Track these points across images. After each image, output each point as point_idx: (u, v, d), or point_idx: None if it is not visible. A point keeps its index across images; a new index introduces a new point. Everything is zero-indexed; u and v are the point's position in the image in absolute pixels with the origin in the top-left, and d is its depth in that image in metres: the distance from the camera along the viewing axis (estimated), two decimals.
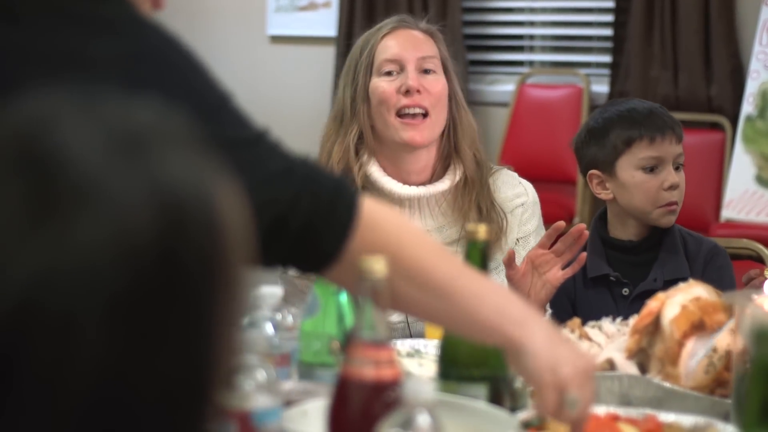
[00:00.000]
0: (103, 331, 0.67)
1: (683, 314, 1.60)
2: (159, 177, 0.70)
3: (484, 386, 1.42)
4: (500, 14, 5.24)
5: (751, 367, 1.04)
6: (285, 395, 1.37)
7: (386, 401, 1.17)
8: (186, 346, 0.71)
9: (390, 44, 2.24)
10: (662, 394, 1.54)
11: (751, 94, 4.37)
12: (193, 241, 0.70)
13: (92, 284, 0.66)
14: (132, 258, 0.68)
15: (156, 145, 0.72)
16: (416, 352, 1.80)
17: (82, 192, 0.68)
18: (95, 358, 0.67)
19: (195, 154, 0.74)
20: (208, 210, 0.72)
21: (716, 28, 4.57)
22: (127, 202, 0.68)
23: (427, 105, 2.19)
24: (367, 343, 1.20)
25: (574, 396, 1.30)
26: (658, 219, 2.32)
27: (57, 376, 0.66)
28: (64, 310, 0.66)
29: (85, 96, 0.73)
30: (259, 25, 5.59)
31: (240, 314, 0.76)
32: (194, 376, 0.71)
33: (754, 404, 1.02)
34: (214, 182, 0.74)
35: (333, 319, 1.52)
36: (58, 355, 0.66)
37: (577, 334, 1.70)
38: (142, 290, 0.68)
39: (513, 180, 2.28)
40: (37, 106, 0.72)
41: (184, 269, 0.70)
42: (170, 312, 0.69)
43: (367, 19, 5.16)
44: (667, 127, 2.33)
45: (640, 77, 4.67)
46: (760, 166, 4.29)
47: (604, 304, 2.30)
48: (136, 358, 0.68)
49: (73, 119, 0.71)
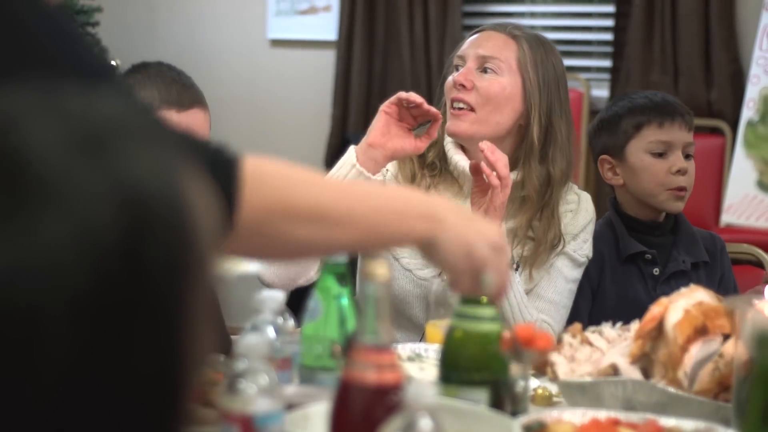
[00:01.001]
0: (67, 328, 0.66)
1: (686, 319, 1.60)
2: (122, 173, 0.69)
3: (485, 390, 1.42)
4: (500, 18, 5.24)
5: (752, 371, 1.04)
6: (286, 399, 1.37)
7: (388, 405, 1.17)
8: (154, 342, 0.70)
9: (466, 43, 2.32)
10: (666, 399, 1.54)
11: (752, 98, 4.38)
12: (159, 238, 0.70)
13: (56, 281, 0.66)
14: (96, 255, 0.67)
15: (120, 140, 0.71)
16: (417, 356, 1.80)
17: (44, 188, 0.67)
18: (61, 355, 0.66)
19: (160, 148, 0.73)
20: (174, 206, 0.71)
21: (716, 33, 4.57)
22: (89, 198, 0.68)
23: (472, 101, 2.23)
24: (369, 347, 1.21)
25: (489, 277, 1.37)
26: (666, 203, 2.36)
27: (21, 373, 0.66)
28: (28, 306, 0.66)
29: (49, 91, 0.73)
30: (259, 29, 5.59)
31: (210, 310, 0.75)
32: (164, 373, 0.71)
33: (755, 409, 1.02)
34: (179, 177, 0.73)
35: (334, 323, 1.52)
36: (22, 352, 0.66)
37: (579, 339, 1.70)
38: (106, 287, 0.67)
39: (570, 188, 2.32)
40: (3, 102, 0.71)
41: (149, 266, 0.69)
42: (137, 308, 0.69)
43: (367, 23, 5.16)
44: (678, 113, 2.37)
45: (641, 82, 4.67)
46: (762, 171, 4.29)
47: (635, 283, 2.33)
48: (103, 355, 0.68)
49: (36, 115, 0.70)
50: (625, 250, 2.37)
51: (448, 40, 4.89)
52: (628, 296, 2.32)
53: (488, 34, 2.30)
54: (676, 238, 2.40)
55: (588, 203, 2.32)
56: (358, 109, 5.23)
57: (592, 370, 1.63)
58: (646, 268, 2.37)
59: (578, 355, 1.67)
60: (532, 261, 2.22)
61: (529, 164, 2.23)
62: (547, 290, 2.25)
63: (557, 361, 1.65)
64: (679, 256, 2.37)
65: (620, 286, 2.36)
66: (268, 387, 1.27)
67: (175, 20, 5.74)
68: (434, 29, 5.02)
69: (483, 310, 1.44)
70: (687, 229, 2.42)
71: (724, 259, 2.46)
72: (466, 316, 1.44)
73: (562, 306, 2.25)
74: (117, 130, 0.72)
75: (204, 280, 0.73)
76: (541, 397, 1.69)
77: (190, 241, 0.72)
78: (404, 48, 5.09)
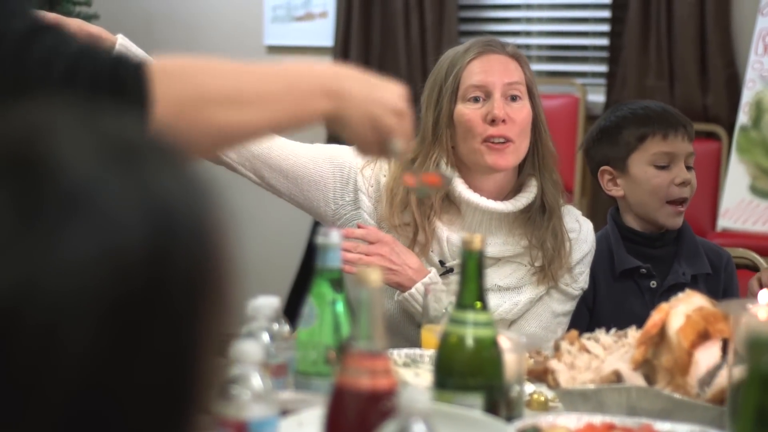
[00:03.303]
0: (85, 345, 0.66)
1: (689, 324, 1.59)
2: (152, 192, 0.69)
3: (480, 395, 1.42)
4: (496, 24, 5.25)
5: (746, 375, 1.04)
6: (281, 405, 1.37)
7: (382, 411, 1.17)
8: (169, 363, 0.70)
9: (476, 70, 2.22)
10: (671, 406, 1.53)
11: (747, 103, 4.38)
12: (183, 257, 0.70)
13: (77, 297, 0.65)
14: (120, 270, 0.67)
15: (150, 160, 0.71)
16: (412, 362, 1.80)
17: (72, 201, 0.66)
18: (75, 370, 0.66)
19: (187, 171, 0.73)
20: (199, 228, 0.71)
21: (712, 38, 4.57)
22: (118, 215, 0.67)
23: (512, 135, 2.19)
24: (363, 353, 1.21)
25: (397, 142, 1.43)
26: (665, 219, 2.35)
27: (35, 386, 0.65)
28: (46, 320, 0.65)
29: (79, 106, 0.72)
30: (256, 35, 5.59)
31: (225, 332, 0.75)
32: (176, 393, 0.71)
33: (749, 413, 1.02)
34: (205, 200, 0.73)
35: (329, 329, 1.52)
36: (38, 366, 0.65)
37: (577, 347, 1.70)
38: (127, 305, 0.67)
39: (571, 216, 2.31)
40: (33, 113, 0.71)
41: (172, 284, 0.69)
42: (155, 327, 0.69)
43: (363, 30, 5.16)
44: (680, 124, 2.37)
45: (636, 87, 4.67)
46: (755, 176, 4.30)
47: (631, 297, 2.32)
48: (117, 372, 0.67)
49: (68, 126, 0.70)
50: (620, 265, 2.36)
51: (444, 46, 4.89)
52: (625, 310, 2.31)
53: (500, 59, 2.23)
54: (678, 250, 2.39)
55: (589, 233, 2.31)
56: None
57: (594, 377, 1.62)
58: (642, 282, 2.36)
59: (577, 363, 1.67)
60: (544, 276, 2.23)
61: (543, 176, 2.24)
62: (530, 323, 2.25)
63: (558, 368, 1.65)
64: (680, 268, 2.36)
65: (616, 301, 2.35)
66: (262, 393, 1.27)
67: (171, 27, 5.75)
68: (430, 36, 5.02)
69: (477, 316, 1.44)
70: (690, 240, 2.41)
71: (730, 274, 2.44)
72: (461, 322, 1.44)
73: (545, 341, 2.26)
74: (146, 148, 0.72)
75: (221, 301, 0.73)
76: (536, 402, 1.69)
77: (211, 263, 0.72)
78: (400, 54, 5.09)
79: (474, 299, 1.44)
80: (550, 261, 2.22)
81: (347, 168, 2.26)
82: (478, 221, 2.24)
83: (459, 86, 2.22)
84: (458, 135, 2.22)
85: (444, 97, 2.23)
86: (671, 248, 2.39)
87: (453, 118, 2.21)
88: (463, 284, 1.45)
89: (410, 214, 2.21)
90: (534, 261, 2.22)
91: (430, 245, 2.21)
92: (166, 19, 5.76)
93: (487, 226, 2.24)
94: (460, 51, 2.27)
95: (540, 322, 2.24)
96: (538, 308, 2.24)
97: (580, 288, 2.27)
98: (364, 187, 2.25)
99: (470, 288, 1.45)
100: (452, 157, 2.23)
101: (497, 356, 1.45)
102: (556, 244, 2.22)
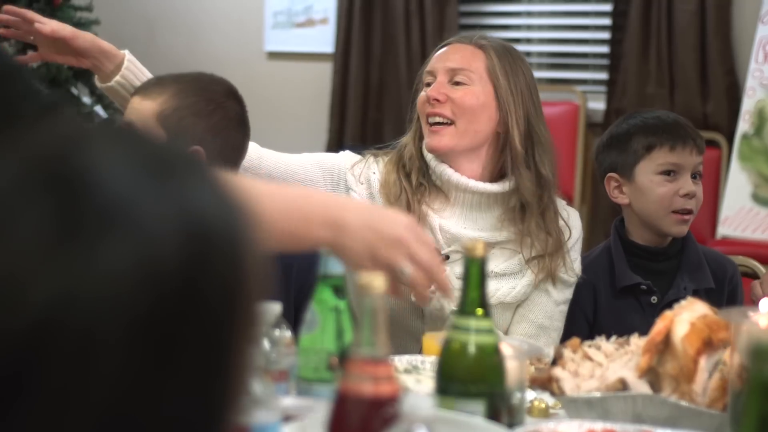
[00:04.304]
0: (119, 358, 0.67)
1: (693, 331, 1.59)
2: (188, 206, 0.70)
3: (481, 402, 1.42)
4: (497, 31, 5.26)
5: (748, 383, 1.04)
6: (283, 411, 1.37)
7: (384, 417, 1.17)
8: (202, 374, 0.70)
9: (433, 58, 2.32)
10: (677, 413, 1.53)
11: (747, 111, 4.39)
12: (217, 274, 0.70)
13: (112, 310, 0.66)
14: (154, 287, 0.67)
15: (185, 174, 0.72)
16: (414, 368, 1.80)
17: (109, 215, 0.67)
18: (109, 385, 0.66)
19: (222, 187, 0.74)
20: (233, 244, 0.72)
21: (712, 46, 4.58)
22: (154, 229, 0.68)
23: (449, 114, 2.24)
24: (366, 359, 1.21)
25: (406, 268, 1.44)
26: (670, 227, 2.36)
27: (70, 395, 0.66)
28: (81, 333, 0.66)
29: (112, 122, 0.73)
30: (256, 42, 5.60)
31: (254, 350, 0.76)
32: (207, 411, 0.71)
33: (751, 420, 1.03)
34: (239, 216, 0.74)
35: (331, 335, 1.52)
36: (71, 380, 0.66)
37: (580, 354, 1.70)
38: (161, 319, 0.68)
39: (558, 205, 2.31)
40: (69, 126, 0.72)
41: (205, 302, 0.70)
42: (188, 344, 0.69)
43: (364, 36, 5.17)
44: (689, 137, 2.38)
45: (637, 94, 4.68)
46: (757, 184, 4.30)
47: (632, 313, 2.33)
48: (150, 386, 0.68)
49: (104, 141, 0.71)
50: (620, 281, 2.36)
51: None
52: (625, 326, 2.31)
53: (455, 47, 2.30)
54: (681, 264, 2.39)
55: (576, 220, 2.32)
56: (355, 121, 5.24)
57: (599, 385, 1.62)
58: (643, 298, 2.36)
59: (581, 370, 1.67)
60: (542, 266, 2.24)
61: (518, 171, 2.25)
62: (536, 314, 2.26)
63: (562, 376, 1.65)
64: (682, 283, 2.36)
65: (617, 316, 2.35)
66: (264, 398, 1.27)
67: (172, 33, 5.75)
68: (431, 42, 5.03)
69: (479, 323, 1.44)
70: (694, 253, 2.41)
71: (734, 286, 2.44)
72: (463, 328, 1.44)
73: (554, 330, 2.27)
74: (182, 162, 0.72)
75: (253, 319, 0.74)
76: (537, 409, 1.69)
77: (244, 281, 0.72)
78: (401, 60, 5.10)
79: (476, 306, 1.44)
80: (551, 253, 2.23)
81: (336, 169, 2.32)
82: (468, 207, 2.26)
83: (423, 75, 2.33)
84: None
85: (419, 84, 2.34)
86: (674, 262, 2.39)
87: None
88: (466, 291, 1.45)
89: (401, 206, 2.24)
90: (523, 249, 2.23)
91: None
92: (167, 26, 5.76)
93: (476, 211, 2.26)
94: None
95: (544, 311, 2.26)
96: (540, 297, 2.25)
97: (575, 274, 2.29)
98: (355, 185, 2.30)
99: (472, 295, 1.45)
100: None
101: (499, 363, 1.45)
102: (555, 237, 2.23)
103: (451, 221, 2.25)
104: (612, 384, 1.61)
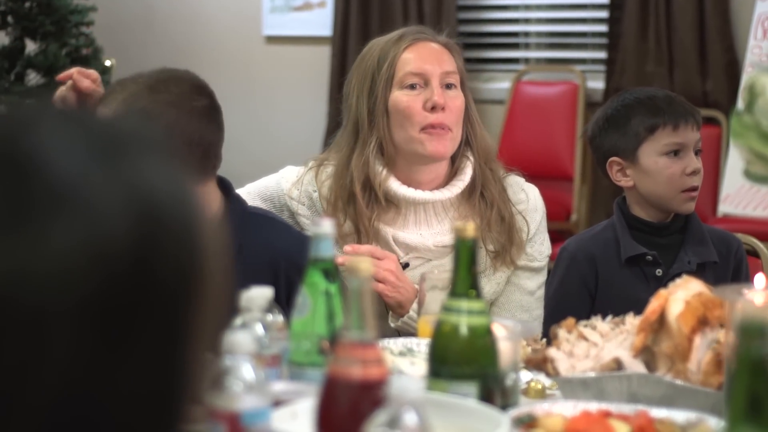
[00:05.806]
0: (71, 332, 0.67)
1: (688, 310, 1.59)
2: (137, 185, 0.70)
3: (474, 384, 1.42)
4: (495, 12, 5.24)
5: (737, 360, 1.03)
6: (275, 396, 1.36)
7: (373, 400, 1.17)
8: (156, 352, 0.70)
9: (412, 57, 2.22)
10: (673, 392, 1.53)
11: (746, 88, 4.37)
12: (168, 252, 0.70)
13: (62, 286, 0.66)
14: (105, 264, 0.67)
15: (135, 153, 0.72)
16: (408, 351, 1.79)
17: (58, 195, 0.68)
18: (63, 357, 0.67)
19: (174, 164, 0.74)
20: (185, 221, 0.72)
21: (711, 23, 4.56)
22: (103, 208, 0.68)
23: (450, 123, 2.19)
24: (354, 343, 1.20)
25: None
26: (679, 206, 2.35)
27: (23, 373, 0.66)
28: (33, 309, 0.66)
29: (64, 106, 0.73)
30: (254, 26, 5.59)
31: (214, 328, 0.76)
32: (163, 389, 0.71)
33: (740, 399, 1.02)
34: (192, 194, 0.73)
35: (322, 319, 1.51)
36: (25, 356, 0.66)
37: (575, 334, 1.69)
38: (113, 297, 0.68)
39: (517, 186, 2.29)
40: (18, 110, 0.72)
41: (157, 279, 0.70)
42: (141, 321, 0.69)
43: (362, 19, 5.16)
44: (688, 113, 2.37)
45: (636, 73, 4.67)
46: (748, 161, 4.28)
47: (637, 284, 2.32)
48: (105, 361, 0.68)
49: (53, 123, 0.71)
50: (626, 252, 2.35)
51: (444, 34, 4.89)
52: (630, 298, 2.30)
53: (432, 47, 2.24)
54: (685, 238, 2.38)
55: (537, 199, 2.29)
56: None
57: (593, 365, 1.62)
58: (648, 270, 2.35)
59: (576, 350, 1.66)
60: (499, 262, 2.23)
61: (478, 164, 2.24)
62: (512, 311, 2.25)
63: (557, 357, 1.64)
64: (686, 257, 2.35)
65: (621, 288, 2.34)
66: (255, 384, 1.26)
67: (170, 18, 5.74)
68: (429, 24, 5.01)
69: (471, 304, 1.43)
70: (697, 228, 2.40)
71: (739, 260, 2.43)
72: (454, 310, 1.43)
73: (534, 318, 2.27)
74: (132, 142, 0.73)
75: (209, 296, 0.74)
76: (534, 390, 1.68)
77: (198, 258, 0.72)
78: None
79: (467, 287, 1.44)
80: (504, 245, 2.22)
81: (276, 198, 2.29)
82: (421, 215, 2.24)
83: (395, 74, 2.21)
84: (395, 123, 2.20)
85: (378, 85, 2.21)
86: (678, 237, 2.38)
87: (388, 105, 2.20)
88: (457, 272, 1.44)
89: (351, 224, 2.21)
90: (486, 244, 2.22)
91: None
92: (165, 10, 5.75)
93: (430, 217, 2.24)
94: (393, 38, 2.27)
95: (519, 305, 2.25)
96: (513, 294, 2.25)
97: (545, 257, 2.28)
98: (298, 208, 2.27)
99: (463, 276, 1.44)
100: (391, 148, 2.21)
101: (492, 344, 1.45)
102: (504, 227, 2.21)
103: (405, 231, 2.23)
104: (607, 364, 1.60)
